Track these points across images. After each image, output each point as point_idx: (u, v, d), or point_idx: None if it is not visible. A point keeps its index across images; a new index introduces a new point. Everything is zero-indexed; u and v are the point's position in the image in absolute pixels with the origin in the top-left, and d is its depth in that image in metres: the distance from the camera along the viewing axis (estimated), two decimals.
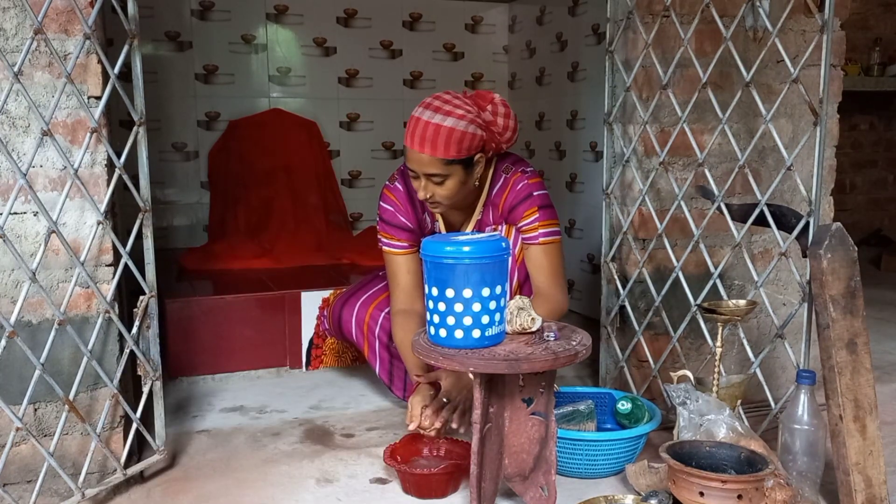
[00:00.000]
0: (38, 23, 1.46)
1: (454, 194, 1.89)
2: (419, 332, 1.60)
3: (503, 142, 1.94)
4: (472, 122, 1.84)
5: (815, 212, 1.72)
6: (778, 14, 1.80)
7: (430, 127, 1.81)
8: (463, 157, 1.84)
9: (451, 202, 1.93)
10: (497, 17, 3.94)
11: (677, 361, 2.02)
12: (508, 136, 1.94)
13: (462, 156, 1.84)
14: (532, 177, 2.01)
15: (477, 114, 1.86)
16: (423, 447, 1.86)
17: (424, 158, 1.83)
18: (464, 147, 1.83)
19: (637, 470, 1.74)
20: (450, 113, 1.82)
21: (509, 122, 1.92)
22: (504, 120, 1.91)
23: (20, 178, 1.46)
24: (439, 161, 1.82)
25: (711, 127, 2.09)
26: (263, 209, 3.41)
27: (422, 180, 1.88)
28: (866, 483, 1.59)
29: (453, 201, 1.93)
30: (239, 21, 3.53)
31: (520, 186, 1.99)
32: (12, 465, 1.62)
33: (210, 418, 2.21)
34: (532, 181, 2.00)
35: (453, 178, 1.86)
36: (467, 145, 1.83)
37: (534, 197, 1.98)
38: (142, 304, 1.71)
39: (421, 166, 1.85)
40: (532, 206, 1.98)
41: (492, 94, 1.93)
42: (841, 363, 1.60)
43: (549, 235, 1.99)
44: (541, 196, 2.00)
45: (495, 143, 1.93)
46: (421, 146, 1.82)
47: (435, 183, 1.87)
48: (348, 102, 3.75)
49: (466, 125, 1.82)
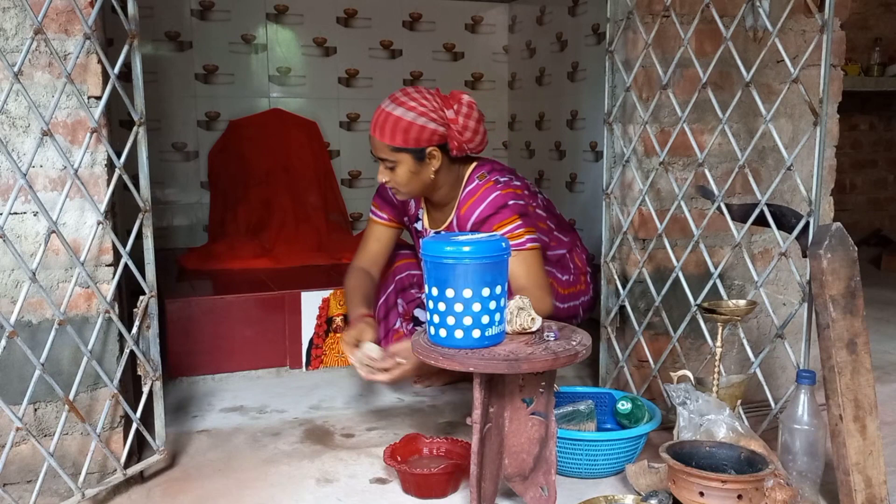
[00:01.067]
0: (38, 23, 1.46)
1: (407, 182, 2.04)
2: (419, 331, 1.60)
3: (465, 141, 2.03)
4: (424, 116, 1.97)
5: (815, 212, 1.72)
6: (778, 14, 1.80)
7: (384, 115, 1.99)
8: (411, 147, 1.99)
9: (409, 190, 2.07)
10: (497, 17, 3.94)
11: (677, 361, 2.02)
12: (469, 136, 2.03)
13: (409, 145, 1.98)
14: (506, 187, 2.06)
15: (436, 109, 1.99)
16: (423, 447, 1.87)
17: (377, 143, 2.01)
18: (411, 137, 1.97)
19: (637, 470, 1.74)
20: (405, 104, 1.99)
21: (469, 122, 2.01)
22: (465, 119, 2.01)
23: (20, 178, 1.46)
24: (387, 147, 1.99)
25: (711, 127, 2.09)
26: (263, 209, 3.41)
27: (380, 164, 2.06)
28: (866, 483, 1.59)
29: (411, 189, 2.07)
30: (239, 21, 3.53)
31: (492, 197, 2.05)
32: (12, 465, 1.62)
33: (210, 418, 2.21)
34: (505, 192, 2.06)
35: (403, 165, 2.01)
36: (415, 136, 1.97)
37: (511, 206, 2.04)
38: (142, 304, 1.71)
39: (375, 150, 2.04)
40: (512, 213, 2.03)
41: (463, 94, 2.04)
42: (841, 363, 1.60)
43: (535, 241, 2.05)
44: (518, 205, 2.05)
45: (457, 141, 2.02)
46: (373, 131, 2.01)
47: (388, 167, 2.03)
48: (348, 102, 3.75)
49: (416, 117, 1.97)
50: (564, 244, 2.34)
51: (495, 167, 2.15)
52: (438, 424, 2.15)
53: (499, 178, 2.09)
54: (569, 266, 2.34)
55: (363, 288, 2.25)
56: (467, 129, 2.01)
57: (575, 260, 2.36)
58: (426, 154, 2.01)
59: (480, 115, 2.07)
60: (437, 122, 1.98)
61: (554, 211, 2.38)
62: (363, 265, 2.31)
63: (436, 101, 2.00)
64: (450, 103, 2.01)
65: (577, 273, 2.35)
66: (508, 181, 2.09)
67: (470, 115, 2.02)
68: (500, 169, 2.15)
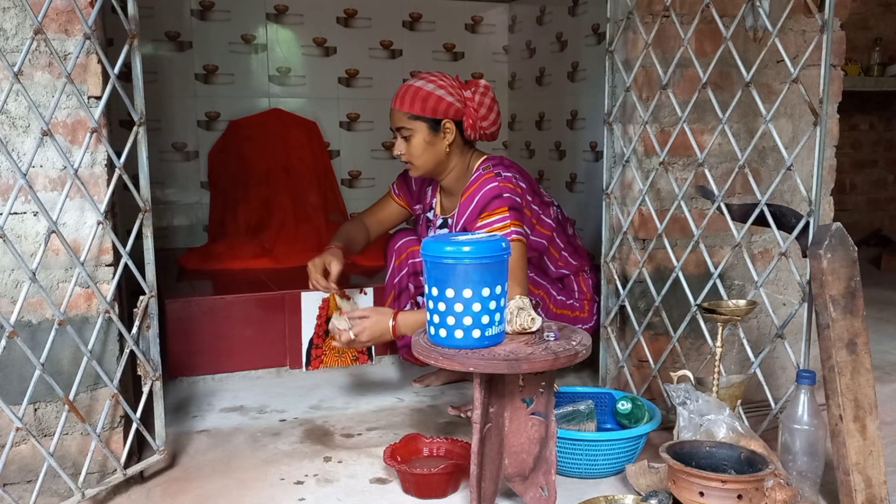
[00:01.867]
0: (38, 23, 1.46)
1: (421, 153, 2.12)
2: (419, 331, 1.60)
3: (480, 118, 2.12)
4: (443, 89, 2.09)
5: (815, 212, 1.72)
6: (778, 14, 1.80)
7: (405, 87, 2.12)
8: (428, 116, 2.08)
9: (422, 163, 2.14)
10: (497, 17, 3.94)
11: (677, 361, 2.02)
12: (484, 112, 2.12)
13: (426, 113, 2.08)
14: (504, 181, 2.09)
15: (455, 87, 2.11)
16: (423, 447, 1.87)
17: (396, 113, 2.11)
18: (429, 106, 2.08)
19: (637, 470, 1.74)
20: (426, 78, 2.12)
21: (485, 100, 2.12)
22: (481, 97, 2.12)
23: (20, 178, 1.46)
24: (406, 115, 2.09)
25: (711, 127, 2.09)
26: (263, 209, 3.41)
27: (397, 137, 2.14)
28: (866, 483, 1.59)
29: (424, 162, 2.13)
30: (239, 21, 3.53)
31: (489, 187, 2.08)
32: (12, 465, 1.62)
33: (210, 418, 2.21)
34: (502, 184, 2.08)
35: (418, 135, 2.10)
36: (433, 105, 2.08)
37: (504, 198, 2.06)
38: (142, 304, 1.71)
39: (393, 121, 2.13)
40: (503, 204, 2.05)
41: (481, 80, 2.17)
42: (841, 363, 1.60)
43: (520, 235, 2.04)
44: (511, 199, 2.07)
45: (472, 119, 2.12)
46: (394, 103, 2.12)
47: (404, 137, 2.11)
48: (348, 102, 3.75)
49: (435, 88, 2.09)
50: (572, 266, 2.32)
51: (504, 162, 2.17)
52: (438, 424, 2.15)
53: (501, 172, 2.11)
54: (572, 288, 2.33)
55: (353, 232, 2.39)
56: (482, 106, 2.12)
57: (581, 285, 2.34)
58: (441, 126, 2.10)
59: (495, 100, 2.17)
60: (455, 97, 2.10)
61: (566, 230, 2.34)
62: (365, 221, 2.44)
63: (456, 82, 2.13)
64: (468, 85, 2.14)
65: (582, 299, 2.33)
66: (509, 177, 2.11)
67: (486, 95, 2.13)
68: (508, 165, 2.17)
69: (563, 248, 2.30)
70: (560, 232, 2.29)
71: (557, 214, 2.30)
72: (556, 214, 2.29)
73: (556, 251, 2.29)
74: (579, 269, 2.34)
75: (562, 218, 2.33)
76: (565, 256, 2.31)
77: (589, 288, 2.35)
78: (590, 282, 2.36)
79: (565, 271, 2.32)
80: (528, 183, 2.20)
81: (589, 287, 2.35)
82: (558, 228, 2.29)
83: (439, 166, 2.17)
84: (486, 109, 2.12)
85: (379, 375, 2.59)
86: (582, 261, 2.35)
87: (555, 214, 2.28)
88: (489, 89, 2.15)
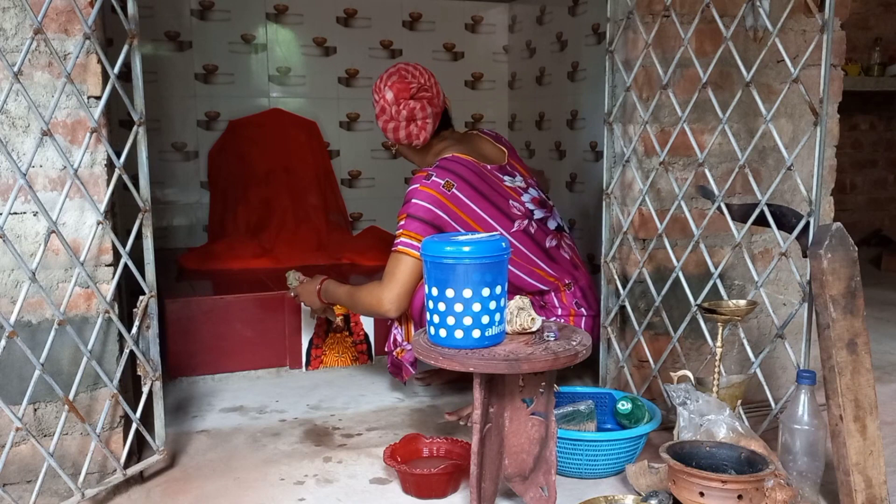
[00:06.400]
0: (38, 23, 1.46)
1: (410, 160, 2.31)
2: (419, 331, 1.60)
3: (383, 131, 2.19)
4: (377, 107, 2.17)
5: (816, 212, 1.72)
6: (778, 14, 1.80)
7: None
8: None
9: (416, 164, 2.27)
10: (497, 17, 3.94)
11: (677, 361, 2.02)
12: (381, 125, 2.18)
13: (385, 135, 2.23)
14: (427, 186, 2.02)
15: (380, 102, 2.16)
16: (423, 447, 1.87)
17: None
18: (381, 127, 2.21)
19: (637, 470, 1.74)
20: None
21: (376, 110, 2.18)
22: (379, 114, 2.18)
23: (20, 178, 1.46)
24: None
25: (711, 127, 2.09)
26: (263, 209, 3.41)
27: None
28: (866, 483, 1.59)
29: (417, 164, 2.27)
30: (239, 21, 3.53)
31: (410, 188, 2.05)
32: (12, 465, 1.62)
33: (210, 418, 2.21)
34: (422, 188, 2.02)
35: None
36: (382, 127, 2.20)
37: (409, 203, 2.03)
38: (142, 304, 1.71)
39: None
40: (404, 211, 2.04)
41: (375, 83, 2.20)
42: (841, 363, 1.60)
43: (406, 246, 1.99)
44: (415, 205, 2.01)
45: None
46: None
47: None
48: (348, 102, 3.75)
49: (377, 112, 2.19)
50: (549, 282, 2.15)
51: (449, 166, 2.05)
52: (438, 424, 2.15)
53: (432, 174, 2.03)
54: (553, 304, 2.17)
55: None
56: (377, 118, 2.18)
57: (563, 300, 2.17)
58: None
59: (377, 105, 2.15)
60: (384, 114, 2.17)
61: (544, 243, 2.15)
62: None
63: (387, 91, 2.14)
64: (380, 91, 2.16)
65: (564, 315, 2.17)
66: (437, 182, 2.01)
67: (377, 104, 2.15)
68: (450, 169, 2.04)
69: (536, 261, 2.12)
70: (531, 246, 2.11)
71: (528, 227, 2.11)
72: (526, 227, 2.11)
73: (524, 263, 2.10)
74: (559, 283, 2.16)
75: (536, 230, 2.13)
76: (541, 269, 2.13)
77: (571, 303, 2.17)
78: (572, 297, 2.18)
79: (540, 285, 2.14)
80: (478, 193, 2.05)
81: (571, 302, 2.17)
82: (528, 242, 2.11)
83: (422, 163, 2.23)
84: (381, 122, 2.17)
85: (379, 375, 2.59)
86: (563, 274, 2.17)
87: (521, 227, 2.10)
88: (375, 90, 2.15)
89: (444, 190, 2.02)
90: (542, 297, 2.18)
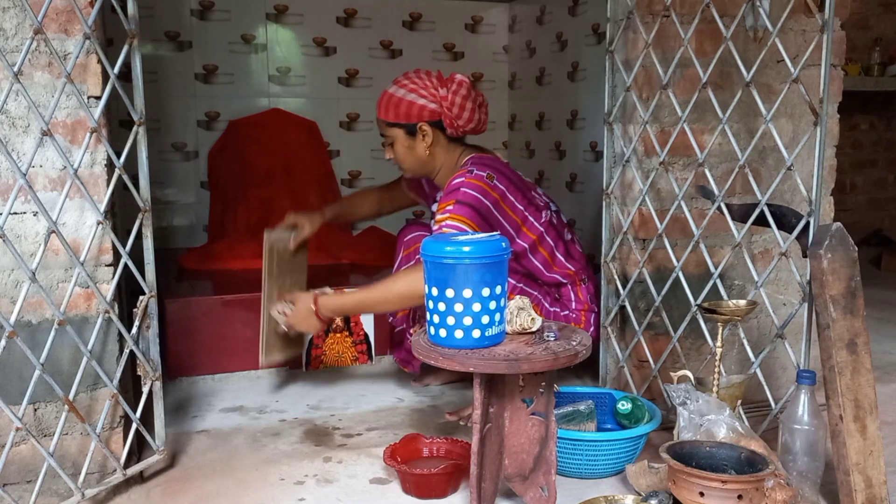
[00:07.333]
0: (38, 23, 1.46)
1: (404, 158, 2.19)
2: (419, 331, 1.60)
3: (454, 118, 2.12)
4: (414, 92, 2.12)
5: (816, 212, 1.72)
6: (778, 14, 1.80)
7: (383, 95, 2.17)
8: (402, 122, 2.14)
9: (409, 167, 2.22)
10: (497, 16, 3.94)
11: (677, 361, 2.02)
12: (456, 111, 2.12)
13: (401, 120, 2.14)
14: (471, 177, 2.04)
15: (427, 87, 2.12)
16: (423, 447, 1.87)
17: (378, 121, 2.21)
18: (402, 112, 2.13)
19: (637, 470, 1.74)
20: (398, 82, 2.16)
21: (456, 98, 2.11)
22: (452, 96, 2.11)
23: (20, 178, 1.46)
24: (384, 122, 2.17)
25: (711, 127, 2.09)
26: (263, 209, 3.40)
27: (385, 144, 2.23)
28: (866, 483, 1.59)
29: (410, 166, 2.22)
30: (239, 21, 3.52)
31: (455, 181, 2.05)
32: (12, 465, 1.62)
33: (210, 418, 2.21)
34: (468, 179, 2.03)
35: (397, 141, 2.17)
36: (405, 111, 2.12)
37: (458, 192, 2.02)
38: (142, 304, 1.71)
39: (379, 128, 2.22)
40: (453, 198, 2.01)
41: (458, 74, 2.16)
42: (841, 363, 1.60)
43: (451, 229, 1.95)
44: (464, 193, 2.01)
45: (448, 118, 2.12)
46: (376, 110, 2.19)
47: (388, 144, 2.21)
48: (348, 102, 3.74)
49: (406, 93, 2.12)
50: (567, 273, 2.21)
51: (484, 160, 2.11)
52: (438, 424, 2.15)
53: (473, 169, 2.06)
54: (569, 298, 2.23)
55: (357, 204, 2.64)
56: (455, 106, 2.11)
57: (578, 294, 2.23)
58: (417, 129, 2.14)
59: (473, 93, 2.15)
60: (429, 98, 2.11)
61: (564, 235, 2.23)
62: (379, 195, 2.61)
63: (430, 81, 2.14)
64: (445, 83, 2.14)
65: (578, 309, 2.23)
66: (480, 175, 2.04)
67: (458, 93, 2.11)
68: (487, 164, 2.10)
69: (556, 253, 2.19)
70: (556, 237, 2.19)
71: (551, 218, 2.20)
72: (550, 218, 2.19)
73: (548, 255, 2.18)
74: (576, 277, 2.23)
75: (557, 222, 2.22)
76: (560, 261, 2.20)
77: (587, 298, 2.24)
78: (587, 292, 2.24)
79: (560, 278, 2.21)
80: (514, 185, 2.12)
81: (587, 297, 2.24)
82: (553, 233, 2.19)
83: (426, 167, 2.20)
84: (458, 108, 2.11)
85: (379, 375, 2.59)
86: (580, 268, 2.24)
87: (547, 218, 2.18)
88: (462, 85, 2.12)
89: (488, 181, 2.07)
90: (559, 290, 2.24)
